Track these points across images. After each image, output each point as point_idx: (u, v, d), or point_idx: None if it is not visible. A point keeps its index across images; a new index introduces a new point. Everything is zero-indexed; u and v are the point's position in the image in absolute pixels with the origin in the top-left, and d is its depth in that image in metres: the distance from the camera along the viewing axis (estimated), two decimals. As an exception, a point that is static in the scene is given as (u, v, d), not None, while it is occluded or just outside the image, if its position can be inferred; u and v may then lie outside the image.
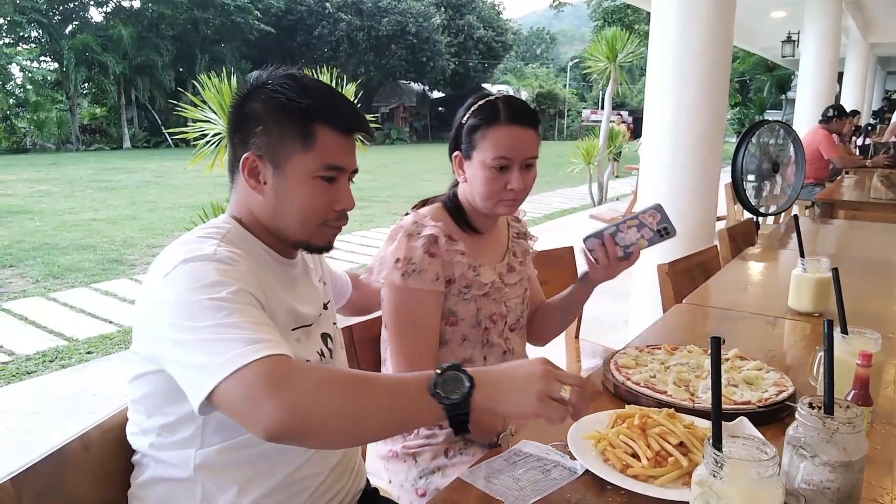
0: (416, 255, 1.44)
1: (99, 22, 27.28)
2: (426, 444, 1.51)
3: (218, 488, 1.08)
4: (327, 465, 1.19)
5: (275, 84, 1.10)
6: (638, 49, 10.00)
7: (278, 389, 0.87)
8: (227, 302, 0.94)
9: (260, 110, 1.09)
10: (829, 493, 0.87)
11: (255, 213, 1.14)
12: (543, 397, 0.93)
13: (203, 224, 1.15)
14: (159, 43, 26.60)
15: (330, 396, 0.89)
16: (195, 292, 0.95)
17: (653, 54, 3.43)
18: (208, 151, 3.95)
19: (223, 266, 1.00)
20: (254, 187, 1.11)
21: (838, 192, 5.33)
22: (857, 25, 10.29)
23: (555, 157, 13.62)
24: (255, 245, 1.14)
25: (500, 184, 1.45)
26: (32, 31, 25.12)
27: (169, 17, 27.22)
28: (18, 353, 4.01)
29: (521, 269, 1.65)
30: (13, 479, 0.98)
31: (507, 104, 1.45)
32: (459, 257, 1.49)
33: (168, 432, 1.06)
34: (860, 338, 1.23)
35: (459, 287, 1.50)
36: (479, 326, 1.54)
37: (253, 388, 0.87)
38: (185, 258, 0.99)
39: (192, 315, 0.93)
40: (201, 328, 0.92)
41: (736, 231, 3.13)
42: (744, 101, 33.64)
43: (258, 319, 0.96)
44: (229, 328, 0.91)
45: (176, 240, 1.08)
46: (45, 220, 8.86)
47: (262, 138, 1.09)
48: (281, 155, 1.09)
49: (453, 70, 35.30)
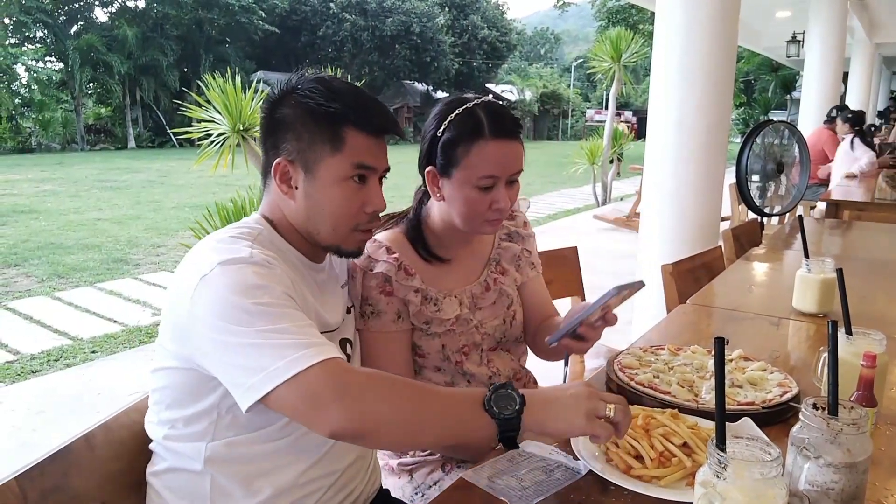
0: (371, 295, 1.34)
1: (104, 22, 27.37)
2: (422, 460, 1.47)
3: (227, 482, 1.08)
4: (341, 465, 1.19)
5: (304, 89, 1.11)
6: (642, 49, 9.98)
7: (344, 394, 0.92)
8: (272, 306, 0.97)
9: (290, 115, 1.11)
10: (833, 495, 0.87)
11: (287, 217, 1.15)
12: (591, 416, 0.97)
13: (234, 223, 1.15)
14: (164, 43, 26.67)
15: (392, 403, 0.94)
16: (238, 295, 0.96)
17: (657, 54, 3.43)
18: (212, 151, 3.96)
19: (261, 269, 1.01)
20: (286, 192, 1.12)
21: (843, 192, 5.31)
22: (862, 25, 10.26)
23: (558, 157, 13.60)
24: (285, 248, 1.15)
25: (484, 203, 1.31)
26: (38, 31, 25.22)
27: (174, 18, 27.29)
28: (23, 353, 4.03)
29: (503, 281, 1.51)
30: (18, 478, 0.98)
31: (490, 114, 1.30)
32: (413, 295, 1.37)
33: (182, 424, 1.08)
34: (865, 339, 1.22)
35: (418, 324, 1.39)
36: (449, 361, 1.43)
37: (317, 391, 0.91)
38: (222, 260, 1.00)
39: (239, 318, 0.95)
40: (250, 332, 0.94)
41: (740, 231, 3.12)
42: (748, 101, 33.56)
43: (304, 322, 0.99)
44: (280, 333, 0.94)
45: (207, 237, 1.10)
46: (50, 220, 8.89)
47: (292, 143, 1.10)
48: (311, 159, 1.10)
49: (457, 70, 35.33)
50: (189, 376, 1.04)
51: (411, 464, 1.48)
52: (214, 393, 1.04)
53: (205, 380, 1.02)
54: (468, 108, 1.30)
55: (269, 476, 1.09)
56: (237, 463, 1.08)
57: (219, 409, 1.05)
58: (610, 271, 6.00)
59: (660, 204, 3.49)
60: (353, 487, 1.23)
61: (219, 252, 1.02)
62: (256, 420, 1.06)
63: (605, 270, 6.02)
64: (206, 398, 1.05)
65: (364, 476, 1.27)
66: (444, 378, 1.45)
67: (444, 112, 1.33)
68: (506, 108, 1.36)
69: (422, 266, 1.41)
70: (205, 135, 4.00)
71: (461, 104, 1.31)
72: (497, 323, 1.49)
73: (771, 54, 15.55)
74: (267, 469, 1.09)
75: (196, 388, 1.04)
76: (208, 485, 1.08)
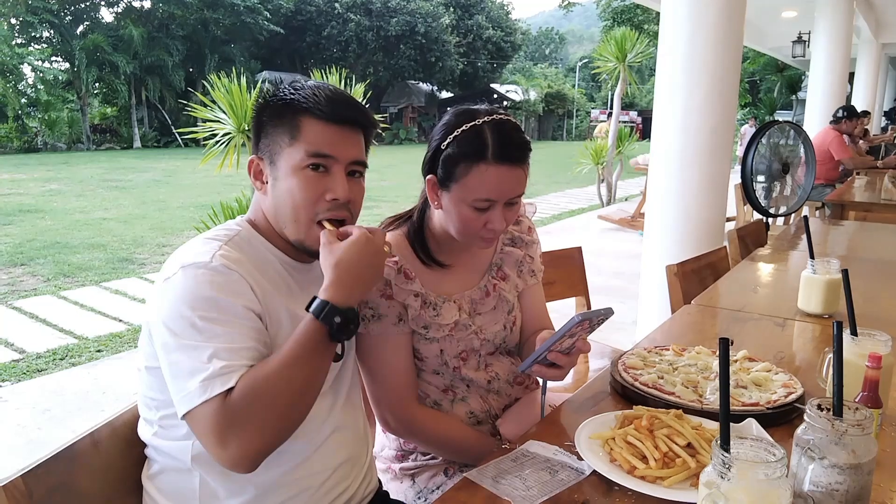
0: (372, 298, 1.33)
1: (110, 22, 27.44)
2: (424, 464, 1.46)
3: (214, 481, 1.09)
4: (330, 465, 1.19)
5: (274, 90, 1.16)
6: (647, 49, 9.97)
7: (227, 429, 0.96)
8: (211, 322, 1.00)
9: (261, 116, 1.16)
10: (838, 496, 0.86)
11: (266, 216, 1.18)
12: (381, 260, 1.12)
13: (218, 225, 1.19)
14: (169, 43, 26.73)
15: (269, 412, 0.98)
16: (186, 305, 1.00)
17: (662, 54, 3.42)
18: (218, 151, 3.98)
19: (217, 277, 1.03)
20: (259, 188, 1.18)
21: (849, 193, 5.29)
22: (868, 25, 10.22)
23: (563, 157, 13.58)
24: (263, 249, 1.16)
25: (479, 223, 1.29)
26: (44, 32, 25.29)
27: (179, 18, 27.36)
28: (29, 351, 4.04)
29: (503, 287, 1.49)
30: (24, 476, 0.99)
31: (497, 136, 1.25)
32: (412, 299, 1.35)
33: (169, 422, 1.09)
34: (870, 340, 1.22)
35: (417, 328, 1.37)
36: (447, 366, 1.42)
37: (207, 428, 0.97)
38: (184, 264, 1.04)
39: (182, 329, 1.00)
40: (183, 345, 0.99)
41: (745, 232, 3.11)
42: (754, 101, 33.42)
43: (235, 342, 1.01)
44: (200, 352, 0.98)
45: (191, 239, 1.13)
46: (56, 219, 8.93)
47: (263, 140, 1.16)
48: (275, 152, 1.14)
49: (462, 70, 35.33)
50: (161, 375, 1.05)
51: (413, 468, 1.47)
52: None
53: None
54: (476, 125, 1.26)
55: (253, 475, 1.06)
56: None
57: None
58: (614, 272, 6.00)
59: (665, 204, 3.48)
60: (346, 487, 1.23)
61: (184, 255, 1.07)
62: None
63: (609, 271, 6.02)
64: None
65: (358, 477, 1.27)
66: (442, 381, 1.44)
67: (451, 124, 1.29)
68: (516, 129, 1.30)
69: (421, 270, 1.39)
70: (210, 135, 4.01)
71: (470, 119, 1.27)
72: (497, 329, 1.47)
73: (777, 54, 15.51)
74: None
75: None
76: (197, 484, 1.09)
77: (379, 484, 1.39)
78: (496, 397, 1.48)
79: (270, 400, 0.98)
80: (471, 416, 1.45)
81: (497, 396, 1.48)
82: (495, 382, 1.47)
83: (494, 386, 1.47)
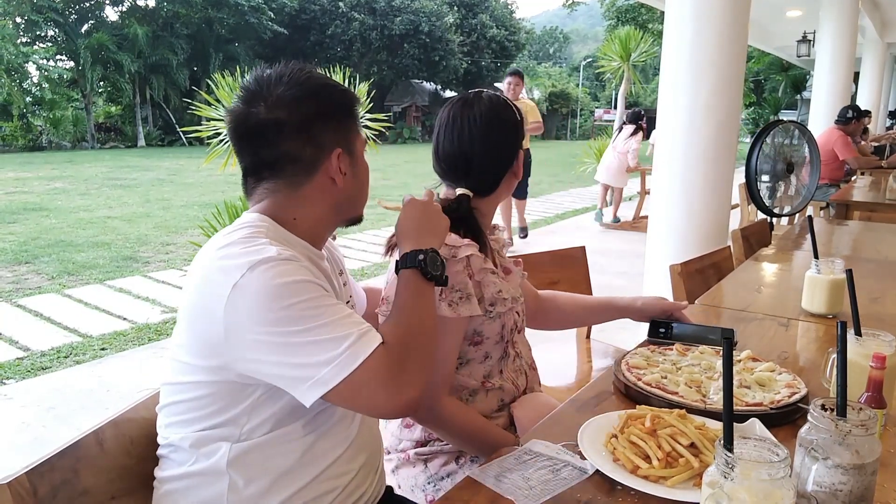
0: (459, 280, 1.34)
1: (114, 21, 27.48)
2: (439, 450, 1.48)
3: (246, 483, 1.08)
4: (355, 465, 1.19)
5: (316, 85, 1.23)
6: (651, 48, 9.97)
7: (399, 372, 1.03)
8: (312, 301, 1.01)
9: (324, 109, 1.21)
10: (842, 496, 0.86)
11: (296, 211, 1.16)
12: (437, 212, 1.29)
13: (231, 225, 1.13)
14: (174, 42, 26.77)
15: (420, 352, 1.08)
16: (278, 297, 0.98)
17: (666, 53, 3.42)
18: (222, 150, 3.98)
19: (291, 265, 1.02)
20: (334, 182, 1.19)
21: (853, 193, 5.28)
22: (873, 24, 10.19)
23: (567, 156, 13.57)
24: (294, 241, 1.14)
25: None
26: (49, 30, 25.34)
27: (183, 17, 27.39)
28: (34, 349, 4.06)
29: (518, 268, 1.61)
30: (29, 473, 0.99)
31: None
32: (491, 277, 1.40)
33: (210, 429, 1.07)
34: (874, 340, 1.22)
35: (485, 307, 1.40)
36: (503, 341, 1.48)
37: (379, 382, 1.01)
38: (251, 263, 0.99)
39: (287, 318, 0.98)
40: (301, 331, 0.98)
41: (749, 232, 3.11)
42: (758, 100, 33.38)
43: (344, 311, 1.04)
44: (330, 326, 1.00)
45: (211, 244, 1.08)
46: (61, 218, 8.95)
47: (330, 134, 1.21)
48: (350, 141, 1.22)
49: (466, 69, 35.28)
50: (219, 387, 1.04)
51: (428, 453, 1.49)
52: (250, 398, 1.05)
53: (239, 388, 1.04)
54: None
55: (289, 477, 1.08)
56: (259, 464, 1.08)
57: (250, 413, 1.06)
58: (618, 271, 5.99)
59: (669, 203, 3.48)
60: (366, 488, 1.23)
61: (243, 256, 1.01)
62: (285, 418, 1.07)
63: (613, 270, 6.01)
64: (238, 405, 1.05)
65: (374, 477, 1.27)
66: (486, 369, 1.48)
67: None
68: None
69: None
70: (214, 133, 4.01)
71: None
72: (523, 301, 1.57)
73: (781, 54, 15.49)
74: (287, 469, 1.10)
75: (228, 396, 1.05)
76: (226, 487, 1.08)
77: (388, 489, 1.39)
78: (524, 378, 1.56)
79: (414, 340, 1.08)
80: (501, 403, 1.50)
81: (522, 378, 1.56)
82: (518, 360, 1.56)
83: (518, 365, 1.55)
